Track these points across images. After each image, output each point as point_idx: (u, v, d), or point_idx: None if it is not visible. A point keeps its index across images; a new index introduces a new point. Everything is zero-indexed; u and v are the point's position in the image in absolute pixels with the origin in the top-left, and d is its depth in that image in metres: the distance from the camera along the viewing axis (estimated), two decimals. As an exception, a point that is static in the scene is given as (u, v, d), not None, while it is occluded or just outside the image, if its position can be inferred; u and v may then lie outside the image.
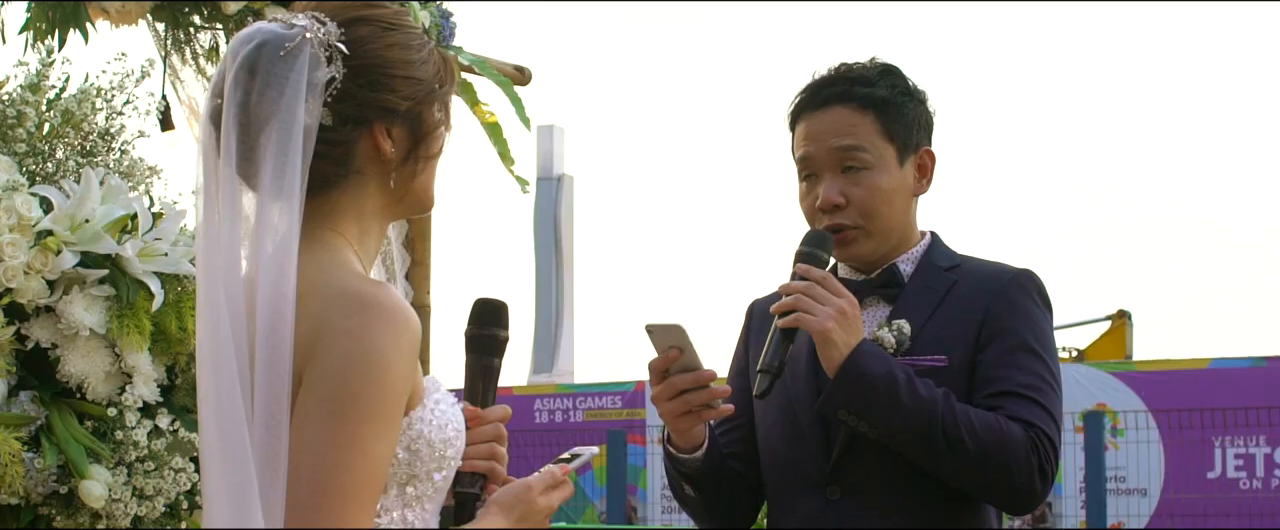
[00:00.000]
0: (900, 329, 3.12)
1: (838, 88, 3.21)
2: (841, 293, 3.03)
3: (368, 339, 2.11)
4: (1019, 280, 3.18)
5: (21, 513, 3.40)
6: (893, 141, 3.18)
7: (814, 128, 3.21)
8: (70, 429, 3.39)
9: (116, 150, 3.81)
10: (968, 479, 3.03)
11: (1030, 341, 3.11)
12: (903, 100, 3.21)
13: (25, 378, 3.44)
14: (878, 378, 2.99)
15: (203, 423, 2.15)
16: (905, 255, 3.23)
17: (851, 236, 3.18)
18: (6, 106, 3.65)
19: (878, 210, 3.17)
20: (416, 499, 2.24)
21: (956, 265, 3.23)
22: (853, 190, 3.16)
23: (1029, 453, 3.01)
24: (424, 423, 2.22)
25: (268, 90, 2.18)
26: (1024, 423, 3.02)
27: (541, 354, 23.26)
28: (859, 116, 3.18)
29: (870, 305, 3.20)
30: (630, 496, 15.57)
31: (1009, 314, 3.12)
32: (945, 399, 3.00)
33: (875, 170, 3.17)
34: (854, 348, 3.00)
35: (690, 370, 3.04)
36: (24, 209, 3.42)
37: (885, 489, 3.09)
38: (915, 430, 2.99)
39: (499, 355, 2.51)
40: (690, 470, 3.18)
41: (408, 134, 2.29)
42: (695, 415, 3.09)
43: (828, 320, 2.99)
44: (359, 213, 2.29)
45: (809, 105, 3.24)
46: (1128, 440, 14.72)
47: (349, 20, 2.26)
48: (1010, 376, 3.07)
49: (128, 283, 3.49)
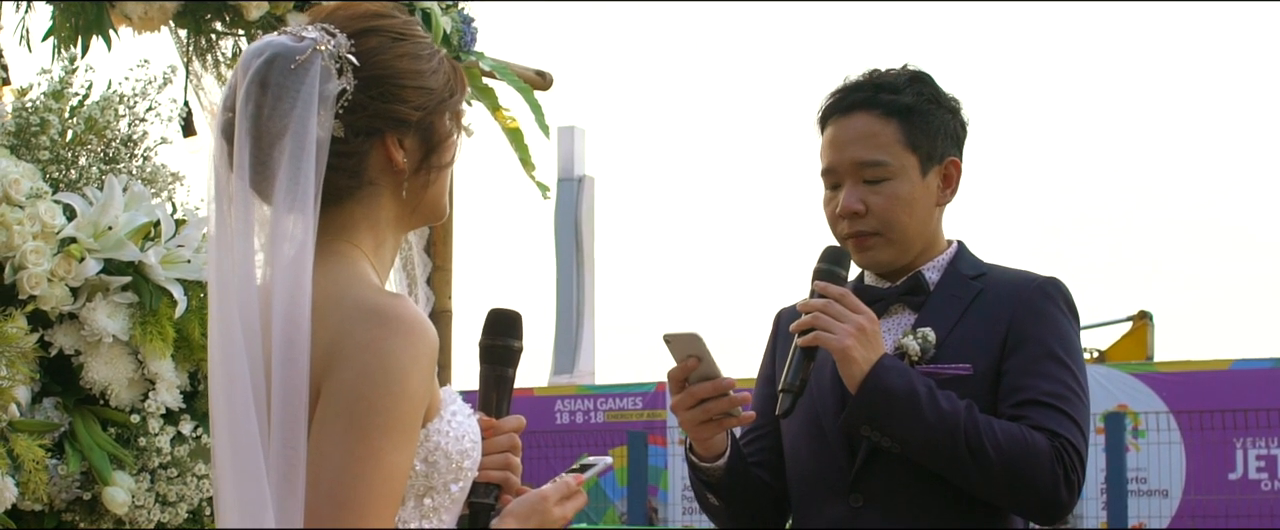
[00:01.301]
0: (925, 337, 3.12)
1: (864, 94, 3.21)
2: (860, 309, 3.03)
3: (386, 352, 2.11)
4: (1045, 288, 3.17)
5: (45, 519, 3.41)
6: (916, 151, 3.17)
7: (838, 135, 3.21)
8: (94, 436, 3.41)
9: (139, 157, 3.82)
10: (993, 491, 3.03)
11: (1056, 350, 3.10)
12: (929, 109, 3.20)
13: (49, 384, 3.46)
14: (899, 393, 2.98)
15: (216, 434, 2.16)
16: (931, 263, 3.23)
17: (870, 243, 3.18)
18: (30, 114, 3.67)
19: (897, 219, 3.16)
20: (434, 510, 2.24)
21: (982, 274, 3.22)
22: (872, 199, 3.16)
23: (1054, 463, 3.00)
24: (441, 434, 2.23)
25: (279, 103, 2.18)
26: (1049, 432, 3.01)
27: (562, 355, 23.24)
28: (882, 125, 3.17)
29: (895, 313, 3.20)
30: (651, 497, 15.55)
31: (1034, 322, 3.11)
32: (968, 411, 3.00)
33: (896, 180, 3.16)
34: (874, 363, 2.99)
35: (709, 378, 3.04)
36: (47, 216, 3.44)
37: (908, 496, 3.09)
38: (939, 444, 2.98)
39: (513, 365, 2.51)
40: (713, 479, 3.19)
41: (420, 144, 2.29)
42: (716, 423, 3.09)
43: (847, 338, 2.99)
44: (373, 224, 2.29)
45: (835, 110, 3.23)
46: (1149, 441, 14.66)
47: (359, 32, 2.26)
48: (1035, 385, 3.06)
49: (151, 289, 3.51)
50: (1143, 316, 18.66)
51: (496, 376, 2.50)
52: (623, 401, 17.72)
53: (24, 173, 3.50)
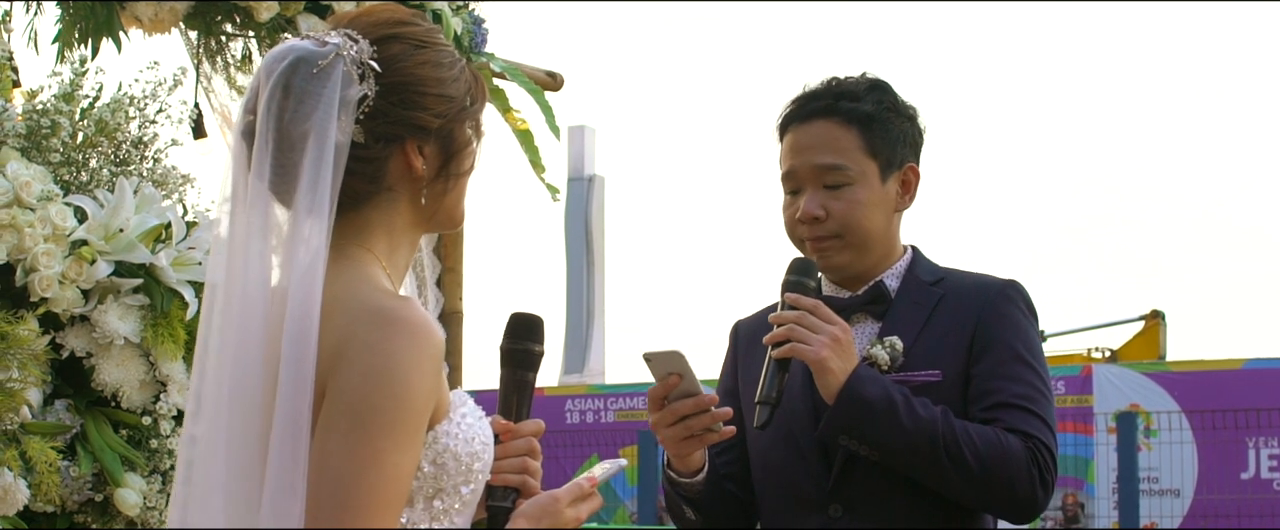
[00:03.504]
0: (893, 345, 3.14)
1: (824, 102, 3.23)
2: (834, 320, 3.05)
3: (389, 353, 2.12)
4: (1006, 291, 3.20)
5: (57, 520, 3.42)
6: (875, 158, 3.20)
7: (799, 141, 3.24)
8: (105, 437, 3.42)
9: (150, 159, 3.83)
10: (971, 494, 3.06)
11: (1021, 352, 3.14)
12: (888, 117, 3.23)
13: (60, 387, 3.47)
14: (877, 401, 3.01)
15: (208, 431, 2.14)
16: (889, 270, 3.26)
17: (830, 247, 3.20)
18: (40, 116, 3.67)
19: (857, 224, 3.18)
20: (443, 513, 2.24)
21: (941, 279, 3.25)
22: (833, 204, 3.18)
23: (1029, 464, 3.04)
24: (450, 436, 2.23)
25: (301, 107, 2.19)
26: (1022, 434, 3.05)
27: (572, 354, 23.25)
28: (843, 131, 3.20)
29: (858, 322, 3.22)
30: (661, 497, 15.56)
31: (999, 326, 3.15)
32: (944, 417, 3.03)
33: (856, 185, 3.19)
34: (851, 373, 3.01)
35: (690, 395, 3.05)
36: (58, 219, 3.44)
37: (887, 503, 3.11)
38: (918, 450, 3.01)
39: (533, 370, 2.51)
40: (692, 494, 3.21)
41: (439, 151, 2.30)
42: (697, 439, 3.10)
43: (823, 349, 3.00)
44: (389, 229, 2.29)
45: (795, 117, 3.26)
46: (1161, 441, 14.64)
47: (381, 38, 2.26)
48: (1005, 387, 3.10)
49: (162, 292, 3.51)
50: (1155, 316, 18.65)
51: (517, 380, 2.50)
52: (633, 401, 17.73)
53: (35, 175, 3.51)
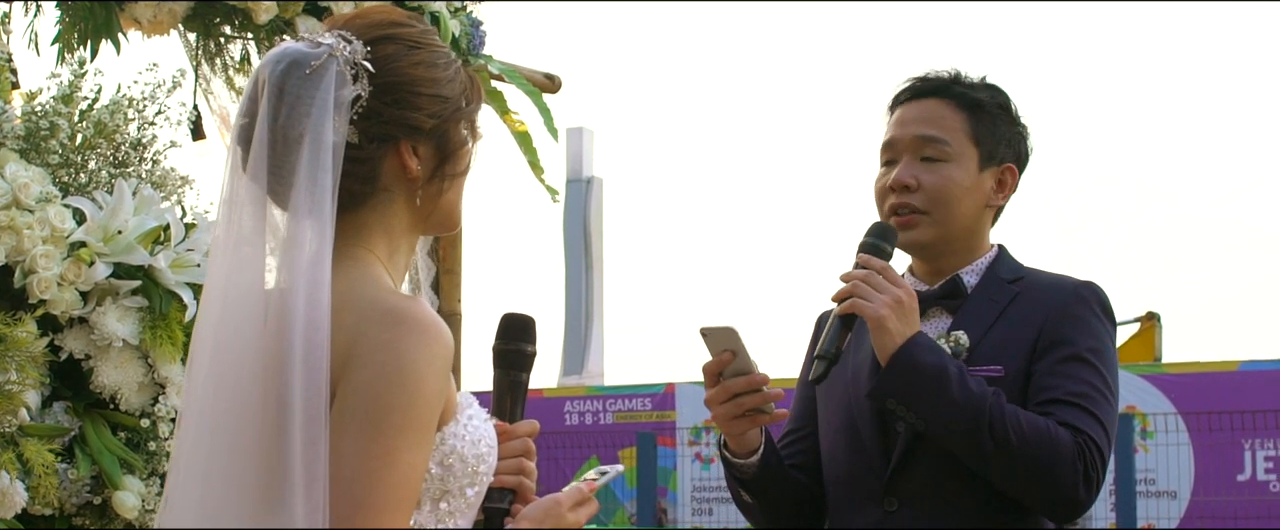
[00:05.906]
0: (957, 340, 3.13)
1: (939, 83, 3.27)
2: (900, 283, 3.05)
3: (402, 352, 2.12)
4: (1079, 292, 3.19)
5: (56, 523, 3.42)
6: (978, 145, 3.22)
7: (905, 114, 3.27)
8: (103, 440, 3.42)
9: (148, 161, 3.83)
10: (1013, 480, 3.02)
11: (1084, 352, 3.11)
12: (999, 112, 3.26)
13: (59, 389, 3.47)
14: (929, 368, 2.99)
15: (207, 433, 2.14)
16: (970, 267, 3.25)
17: (913, 220, 3.20)
18: (39, 118, 3.67)
19: (946, 199, 3.19)
20: (449, 514, 2.25)
21: (1020, 277, 3.24)
22: (925, 177, 3.19)
23: (1075, 459, 3.00)
24: (457, 438, 2.23)
25: (296, 109, 2.19)
26: (1073, 428, 3.02)
27: (571, 356, 23.23)
28: (951, 112, 3.23)
29: (932, 316, 3.21)
30: (660, 499, 15.55)
31: (1066, 325, 3.13)
32: (995, 397, 3.00)
33: (953, 163, 3.20)
34: (908, 338, 3.01)
35: (744, 373, 3.04)
36: (57, 220, 3.44)
37: (942, 501, 3.09)
38: (963, 424, 2.99)
39: (526, 370, 2.51)
40: (745, 475, 3.20)
41: (434, 152, 2.30)
42: (749, 419, 3.10)
43: (883, 307, 3.00)
44: (387, 230, 2.29)
45: (907, 94, 3.30)
46: (1157, 443, 14.64)
47: (375, 39, 2.26)
48: (1062, 385, 3.07)
49: (160, 294, 3.51)
50: (1150, 317, 18.63)
51: (510, 381, 2.50)
52: (632, 403, 17.71)
53: (33, 177, 3.51)
